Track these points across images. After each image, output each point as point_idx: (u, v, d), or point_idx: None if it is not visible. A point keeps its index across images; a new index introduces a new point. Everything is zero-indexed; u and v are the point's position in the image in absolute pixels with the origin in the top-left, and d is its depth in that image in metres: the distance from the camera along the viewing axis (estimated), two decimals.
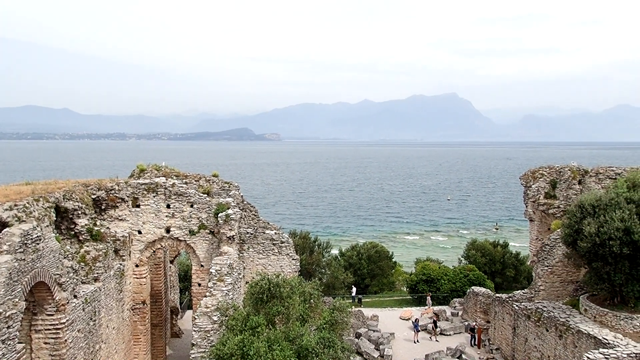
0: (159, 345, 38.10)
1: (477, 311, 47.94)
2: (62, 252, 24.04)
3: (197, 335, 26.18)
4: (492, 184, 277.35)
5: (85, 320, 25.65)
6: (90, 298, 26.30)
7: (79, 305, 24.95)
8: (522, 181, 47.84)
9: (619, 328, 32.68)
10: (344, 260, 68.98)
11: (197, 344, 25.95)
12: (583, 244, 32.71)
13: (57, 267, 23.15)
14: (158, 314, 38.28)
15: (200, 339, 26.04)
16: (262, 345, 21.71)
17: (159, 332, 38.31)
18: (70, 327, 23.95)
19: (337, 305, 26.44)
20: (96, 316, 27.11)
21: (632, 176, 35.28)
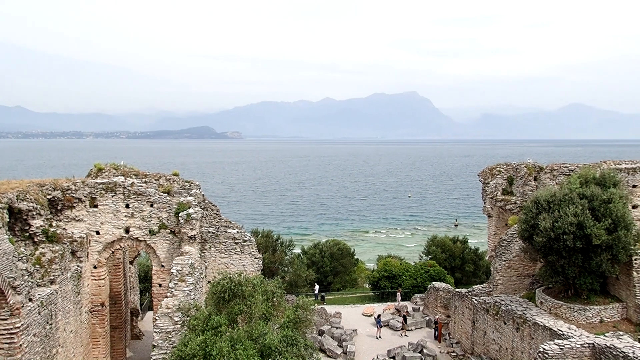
0: (118, 347, 37.40)
1: (437, 306, 48.73)
2: (16, 255, 23.34)
3: (158, 336, 25.81)
4: (451, 181, 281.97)
5: (41, 324, 24.97)
6: (46, 301, 25.61)
7: (34, 308, 24.27)
8: (480, 178, 48.81)
9: (573, 319, 33.78)
10: (306, 258, 69.11)
11: (158, 346, 25.59)
12: (539, 239, 33.66)
13: (11, 270, 22.46)
14: (117, 315, 37.56)
15: (161, 340, 25.69)
16: (225, 345, 21.56)
17: (119, 335, 37.61)
18: (26, 331, 23.28)
19: (300, 303, 26.47)
20: (53, 320, 26.41)
21: (585, 172, 36.42)
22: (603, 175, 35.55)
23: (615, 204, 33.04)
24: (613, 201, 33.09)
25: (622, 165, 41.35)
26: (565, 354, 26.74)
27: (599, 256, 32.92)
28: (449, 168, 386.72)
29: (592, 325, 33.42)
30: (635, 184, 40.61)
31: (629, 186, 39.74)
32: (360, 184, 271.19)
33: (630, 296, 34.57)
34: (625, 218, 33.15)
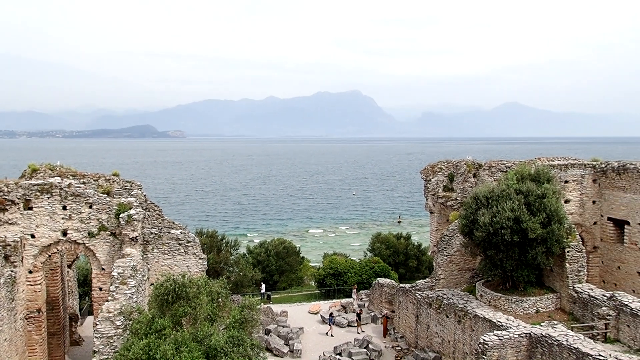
0: (57, 354, 36.10)
1: (382, 302, 49.47)
2: None
3: (99, 341, 25.08)
4: (394, 179, 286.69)
5: None
6: None
7: None
8: (422, 175, 49.90)
9: (511, 311, 35.09)
10: (252, 258, 68.67)
11: (99, 351, 24.88)
12: (478, 234, 34.75)
13: None
14: (55, 321, 36.22)
15: (102, 345, 24.98)
16: (169, 348, 21.20)
17: (57, 341, 36.29)
18: None
19: (246, 303, 26.31)
20: None
21: (521, 169, 37.87)
22: (537, 171, 37.06)
23: (549, 199, 34.54)
24: (547, 196, 34.57)
25: (555, 162, 43.27)
26: (504, 344, 27.74)
27: (535, 249, 34.34)
28: (392, 166, 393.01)
29: (529, 316, 34.82)
30: (567, 180, 42.57)
31: (561, 182, 41.63)
32: (305, 183, 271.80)
33: (563, 287, 36.22)
34: (559, 212, 34.71)
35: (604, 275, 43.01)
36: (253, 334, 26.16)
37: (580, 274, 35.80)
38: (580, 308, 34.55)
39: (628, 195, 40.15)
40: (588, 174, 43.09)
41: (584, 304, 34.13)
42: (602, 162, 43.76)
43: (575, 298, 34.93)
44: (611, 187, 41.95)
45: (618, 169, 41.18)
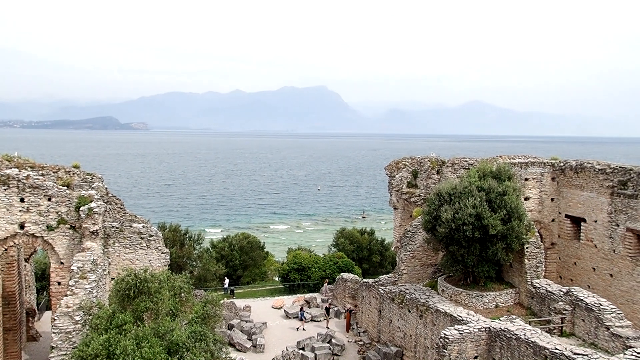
0: (12, 350, 35.14)
1: (345, 297, 49.78)
2: None
3: (57, 337, 24.53)
4: (359, 175, 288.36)
5: None
6: None
7: None
8: (387, 171, 50.32)
9: (472, 305, 35.76)
10: (215, 252, 68.18)
11: (57, 347, 24.34)
12: (441, 229, 35.28)
13: None
14: (11, 317, 35.24)
15: (60, 341, 24.44)
16: (130, 344, 20.90)
17: (13, 337, 35.32)
18: None
19: (209, 298, 26.14)
20: None
21: (482, 166, 38.56)
22: (499, 169, 37.80)
23: (510, 196, 35.29)
24: (508, 193, 35.32)
25: (516, 160, 44.19)
26: (464, 338, 28.26)
27: (495, 245, 35.06)
28: (357, 161, 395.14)
29: (489, 310, 35.56)
30: (527, 177, 43.53)
31: (521, 179, 42.55)
32: (270, 177, 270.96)
33: (522, 282, 37.10)
34: (519, 209, 35.51)
35: (561, 271, 44.21)
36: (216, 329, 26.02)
37: (539, 269, 36.72)
38: (537, 303, 35.45)
39: (585, 193, 41.32)
40: (547, 172, 44.16)
41: (542, 299, 35.04)
42: (560, 160, 44.90)
43: (533, 293, 35.83)
44: (569, 185, 43.11)
45: (576, 168, 42.32)
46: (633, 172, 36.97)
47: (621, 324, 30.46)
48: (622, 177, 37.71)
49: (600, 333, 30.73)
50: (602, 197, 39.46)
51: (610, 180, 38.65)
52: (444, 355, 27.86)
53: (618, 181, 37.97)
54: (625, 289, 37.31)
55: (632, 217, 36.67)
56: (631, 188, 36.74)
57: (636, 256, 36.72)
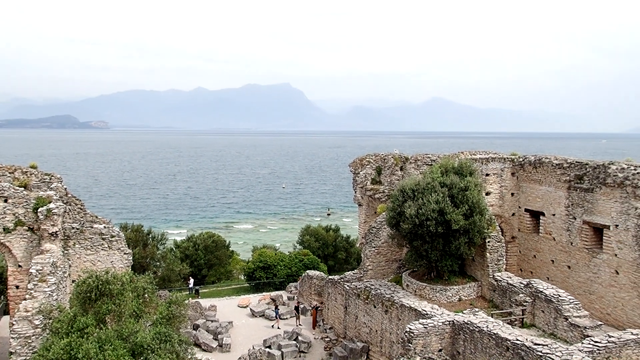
0: None
1: (311, 294, 49.87)
2: None
3: (15, 342, 23.89)
4: (323, 172, 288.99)
5: None
6: None
7: None
8: (351, 168, 50.57)
9: (436, 299, 36.31)
10: (180, 252, 67.36)
11: (17, 352, 23.71)
12: (405, 225, 35.68)
13: None
14: None
15: (19, 346, 23.82)
16: (92, 347, 20.51)
17: None
18: None
19: (173, 298, 25.84)
20: None
21: (445, 162, 39.15)
22: (461, 165, 38.43)
23: (471, 191, 35.93)
24: (469, 189, 35.95)
25: (477, 156, 45.03)
26: (429, 331, 28.69)
27: (458, 240, 35.66)
28: (322, 159, 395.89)
29: (452, 304, 36.17)
30: (487, 173, 44.41)
31: (482, 175, 43.38)
32: (234, 176, 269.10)
33: (484, 275, 37.85)
34: (480, 204, 36.19)
35: (521, 263, 45.28)
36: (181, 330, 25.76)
37: (500, 263, 37.53)
38: (499, 295, 36.23)
39: (543, 187, 42.39)
40: (507, 167, 45.13)
41: (503, 291, 35.82)
42: (520, 156, 45.95)
43: (495, 286, 36.59)
44: (528, 180, 44.15)
45: (534, 163, 43.37)
46: (589, 166, 38.11)
47: (579, 314, 31.42)
48: (579, 172, 38.82)
49: (559, 323, 31.63)
50: (559, 191, 40.56)
51: (567, 175, 39.74)
52: (409, 349, 28.22)
53: (574, 175, 39.08)
54: (583, 280, 38.47)
55: (588, 210, 37.81)
56: (587, 182, 37.86)
57: (592, 248, 37.89)
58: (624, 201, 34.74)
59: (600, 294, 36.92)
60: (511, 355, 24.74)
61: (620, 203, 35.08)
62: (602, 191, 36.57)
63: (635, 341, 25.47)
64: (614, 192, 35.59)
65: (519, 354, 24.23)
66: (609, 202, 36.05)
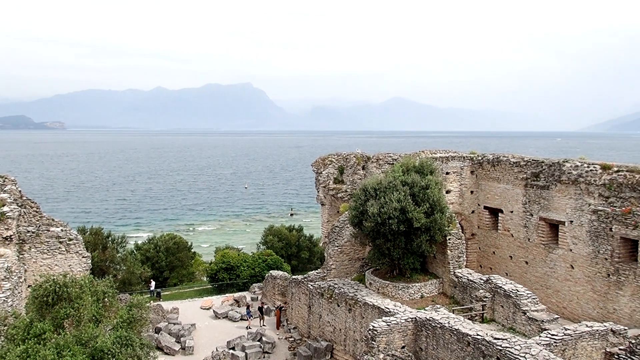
0: None
1: (275, 294, 49.76)
2: None
3: None
4: (286, 172, 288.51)
5: None
6: None
7: None
8: (313, 168, 50.69)
9: (398, 297, 36.72)
10: (140, 254, 66.21)
11: None
12: (367, 224, 35.97)
13: None
14: None
15: None
16: (50, 353, 19.98)
17: None
18: None
19: (134, 301, 25.41)
20: None
21: (406, 161, 39.63)
22: (421, 163, 38.97)
23: (432, 189, 36.49)
24: (430, 187, 36.49)
25: (437, 155, 45.73)
26: (392, 329, 28.98)
27: (419, 238, 36.16)
28: (284, 159, 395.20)
29: (415, 301, 36.65)
30: (448, 171, 45.16)
31: (443, 173, 44.10)
32: (196, 177, 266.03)
33: (445, 272, 38.49)
34: (441, 202, 36.78)
35: (481, 260, 46.22)
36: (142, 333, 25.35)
37: (460, 259, 38.22)
38: (460, 292, 36.90)
39: (501, 185, 43.37)
40: (466, 165, 46.00)
41: (464, 287, 36.49)
42: (479, 154, 46.89)
43: (456, 282, 37.25)
44: (487, 178, 45.10)
45: (492, 161, 44.33)
46: (544, 164, 39.19)
47: (536, 308, 32.26)
48: (535, 170, 39.88)
49: (517, 318, 32.41)
50: (517, 188, 41.57)
51: (524, 173, 40.77)
52: (373, 346, 28.46)
53: (531, 173, 40.12)
54: (540, 274, 39.54)
55: (544, 207, 38.88)
56: (543, 179, 38.93)
57: (549, 244, 38.98)
58: (578, 198, 35.87)
59: (556, 288, 38.02)
60: (472, 350, 25.23)
61: (574, 200, 36.20)
62: (557, 188, 37.66)
63: (590, 333, 26.32)
64: (569, 189, 36.70)
65: (480, 348, 24.73)
66: (563, 199, 37.15)
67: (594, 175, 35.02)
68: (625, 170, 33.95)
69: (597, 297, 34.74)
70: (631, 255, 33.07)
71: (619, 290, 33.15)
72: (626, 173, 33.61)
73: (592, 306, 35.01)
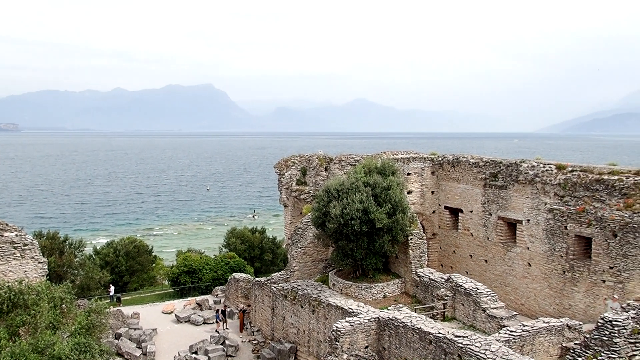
0: None
1: (238, 297, 49.43)
2: None
3: None
4: (249, 174, 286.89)
5: None
6: None
7: None
8: (276, 170, 50.60)
9: (361, 297, 36.99)
10: (99, 259, 64.78)
11: None
12: (330, 225, 36.12)
13: None
14: None
15: None
16: None
17: None
18: None
19: (93, 307, 24.90)
20: None
21: (368, 162, 39.97)
22: (383, 164, 39.38)
23: (394, 190, 36.90)
24: (392, 188, 36.90)
25: (399, 156, 46.27)
26: (355, 329, 29.18)
27: (382, 238, 36.51)
28: (247, 161, 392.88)
29: (377, 301, 36.97)
30: (409, 172, 45.75)
31: (404, 174, 44.65)
32: (156, 179, 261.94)
33: (407, 272, 38.96)
34: (402, 203, 37.24)
35: (442, 259, 46.97)
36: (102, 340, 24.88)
37: (422, 259, 38.75)
38: (422, 291, 37.40)
39: (461, 185, 44.18)
40: (427, 166, 46.69)
41: (425, 286, 37.01)
42: (439, 155, 47.66)
43: (418, 282, 37.75)
44: (447, 178, 45.87)
45: (452, 162, 45.12)
46: (502, 164, 40.11)
47: (496, 306, 32.97)
48: (493, 170, 40.78)
49: (477, 315, 33.06)
50: (476, 188, 42.42)
51: (483, 173, 41.64)
52: (337, 347, 28.60)
53: (489, 173, 41.01)
54: (498, 272, 40.43)
55: (502, 207, 39.79)
56: (501, 179, 39.84)
57: (507, 242, 39.91)
58: (535, 197, 36.84)
59: (514, 286, 38.95)
60: (434, 348, 25.62)
61: (531, 199, 37.16)
62: (514, 188, 38.60)
63: (547, 329, 27.06)
64: (526, 188, 37.66)
65: (441, 346, 25.13)
66: (521, 198, 38.09)
67: (550, 175, 36.04)
68: (579, 170, 35.07)
69: (553, 294, 35.74)
70: (585, 252, 34.16)
71: (574, 287, 34.19)
72: (580, 173, 34.72)
73: (549, 302, 35.99)
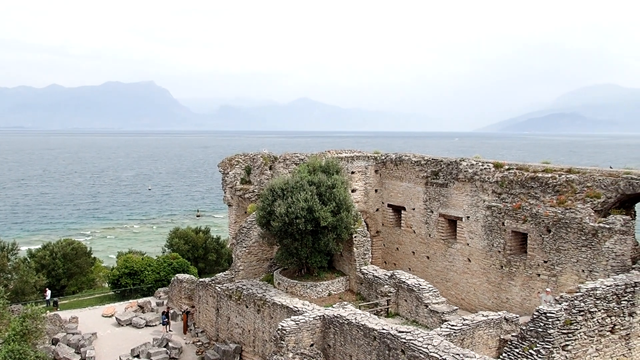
0: None
1: (182, 298, 48.67)
2: None
3: None
4: (192, 173, 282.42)
5: None
6: None
7: None
8: (220, 168, 50.10)
9: (307, 296, 37.16)
10: (35, 262, 62.28)
11: None
12: (275, 224, 36.11)
13: None
14: None
15: None
16: None
17: None
18: None
19: (29, 312, 23.96)
20: None
21: (312, 161, 40.18)
22: (327, 163, 39.66)
23: (338, 188, 37.26)
24: (336, 186, 37.24)
25: (343, 155, 46.70)
26: (301, 327, 29.28)
27: (326, 236, 36.80)
28: (190, 159, 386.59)
29: (323, 299, 37.23)
30: (353, 171, 46.27)
31: (348, 172, 45.13)
32: (95, 179, 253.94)
33: (352, 270, 39.40)
34: (347, 201, 37.63)
35: (386, 256, 47.74)
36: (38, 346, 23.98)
37: (366, 256, 39.27)
38: (366, 288, 37.91)
39: (404, 184, 45.03)
40: (371, 165, 47.33)
41: (370, 283, 37.53)
42: (382, 154, 48.40)
43: (362, 279, 38.24)
44: (390, 176, 46.64)
45: (395, 161, 45.93)
46: (443, 163, 41.15)
47: (437, 301, 33.84)
48: (434, 168, 41.78)
49: (420, 311, 33.82)
50: (418, 186, 43.35)
51: (424, 171, 42.59)
52: (282, 346, 28.62)
53: (431, 172, 42.00)
54: (440, 268, 41.49)
55: (443, 204, 40.84)
56: (442, 178, 40.87)
57: (448, 239, 40.98)
58: (474, 194, 38.00)
59: (455, 281, 40.06)
60: (378, 344, 26.02)
61: (470, 196, 38.31)
62: (455, 186, 39.69)
63: (486, 322, 27.99)
64: (465, 186, 38.78)
65: (385, 342, 25.56)
66: (461, 196, 39.21)
67: (488, 173, 37.25)
68: (515, 168, 36.42)
69: (491, 288, 36.99)
70: (521, 247, 35.54)
71: (511, 281, 35.50)
72: (516, 171, 36.07)
73: (488, 296, 37.22)
